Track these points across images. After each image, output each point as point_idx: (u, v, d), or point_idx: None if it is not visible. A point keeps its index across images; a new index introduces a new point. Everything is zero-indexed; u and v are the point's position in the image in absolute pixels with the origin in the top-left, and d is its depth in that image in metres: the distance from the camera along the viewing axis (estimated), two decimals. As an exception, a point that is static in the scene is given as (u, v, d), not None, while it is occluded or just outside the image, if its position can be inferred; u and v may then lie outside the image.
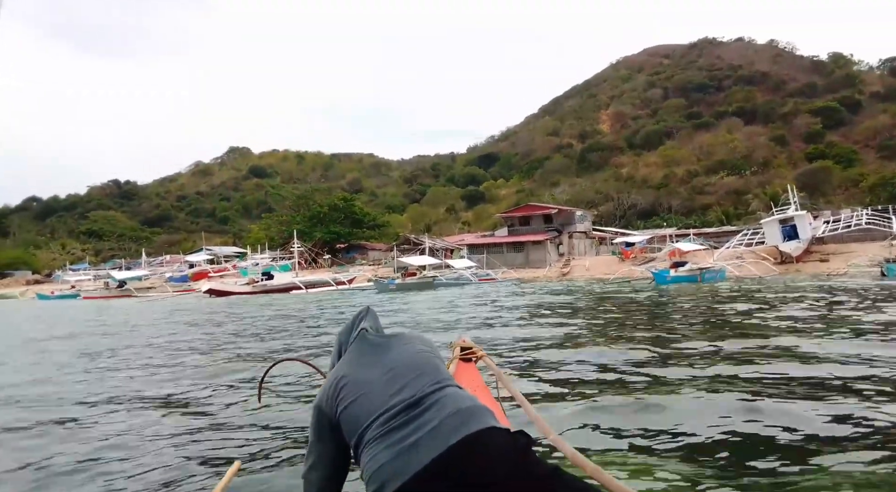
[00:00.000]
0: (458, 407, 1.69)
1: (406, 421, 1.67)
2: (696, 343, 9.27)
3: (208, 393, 6.76)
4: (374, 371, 1.87)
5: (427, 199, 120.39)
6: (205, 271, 59.67)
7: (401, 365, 1.87)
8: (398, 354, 1.93)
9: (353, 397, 1.81)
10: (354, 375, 1.88)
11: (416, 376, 1.81)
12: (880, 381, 6.00)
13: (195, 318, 21.61)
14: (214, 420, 5.39)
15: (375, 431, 1.68)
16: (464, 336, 3.85)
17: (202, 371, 8.51)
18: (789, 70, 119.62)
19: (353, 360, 1.98)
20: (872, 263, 31.99)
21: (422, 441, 1.59)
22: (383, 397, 1.75)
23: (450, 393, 1.76)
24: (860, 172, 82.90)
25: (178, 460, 4.19)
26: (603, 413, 5.05)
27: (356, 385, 1.84)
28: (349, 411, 1.79)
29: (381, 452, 1.62)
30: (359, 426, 1.74)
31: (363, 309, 2.22)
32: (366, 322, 2.12)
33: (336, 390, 1.86)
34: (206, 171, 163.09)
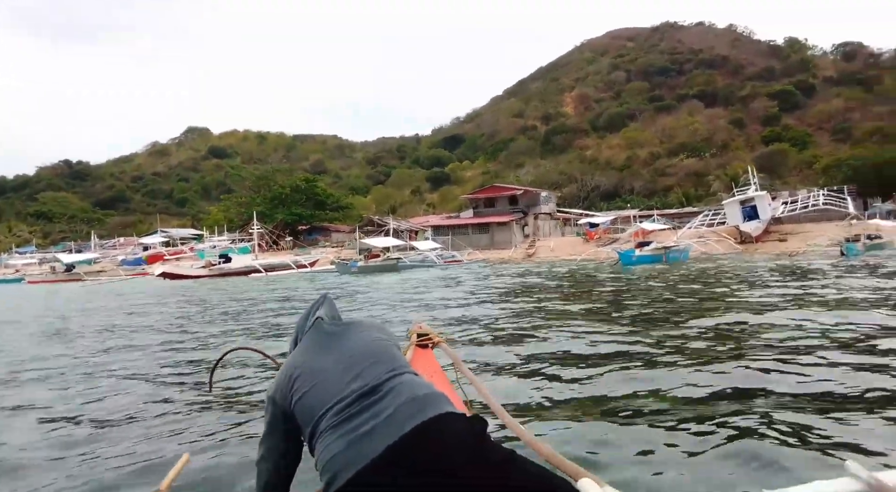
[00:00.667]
0: (413, 395, 1.67)
1: (361, 410, 1.64)
2: (663, 323, 9.19)
3: (156, 383, 6.40)
4: (328, 360, 1.83)
5: (391, 180, 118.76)
6: (160, 254, 57.43)
7: (356, 353, 1.83)
8: (353, 343, 1.89)
9: (307, 387, 1.77)
10: (309, 364, 1.84)
11: (372, 364, 1.78)
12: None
13: (145, 303, 20.32)
14: (163, 411, 5.15)
15: (330, 420, 1.65)
16: (420, 322, 3.72)
17: (150, 360, 8.00)
18: (747, 54, 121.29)
19: (308, 349, 1.93)
20: (832, 242, 32.30)
21: (377, 429, 1.57)
22: (338, 386, 1.72)
23: (405, 381, 1.74)
24: (814, 155, 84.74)
25: (125, 453, 4.02)
26: (564, 398, 4.99)
27: (310, 375, 1.79)
28: (303, 402, 1.75)
29: (335, 441, 1.60)
30: (313, 416, 1.71)
31: (320, 297, 2.16)
32: (322, 310, 2.06)
33: (290, 381, 1.81)
34: (164, 151, 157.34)
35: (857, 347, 6.58)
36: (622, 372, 5.85)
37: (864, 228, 33.15)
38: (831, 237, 34.20)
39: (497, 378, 5.91)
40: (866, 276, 16.29)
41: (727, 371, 5.67)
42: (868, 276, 16.31)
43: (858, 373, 5.35)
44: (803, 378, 5.27)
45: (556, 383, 5.62)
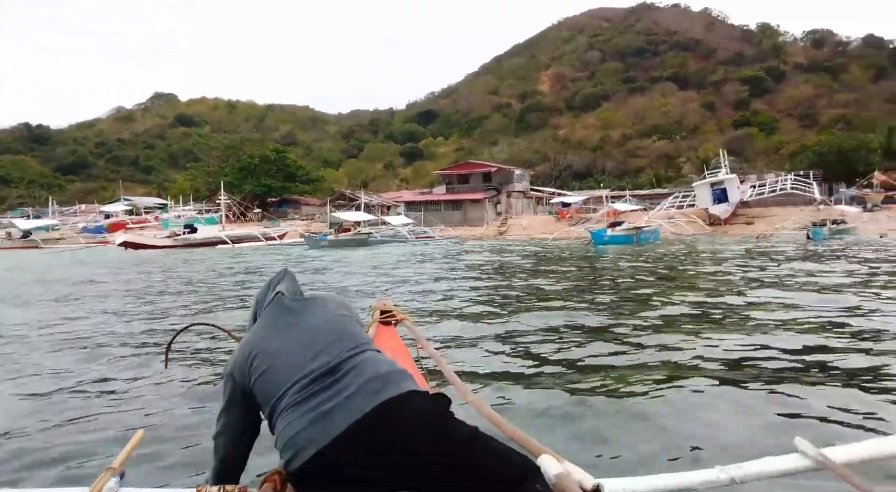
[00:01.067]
0: (376, 372, 1.64)
1: (322, 388, 1.61)
2: (631, 302, 9.27)
3: (111, 359, 6.16)
4: (288, 337, 1.78)
5: (364, 154, 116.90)
6: (122, 222, 55.42)
7: (317, 330, 1.78)
8: (314, 319, 1.84)
9: (266, 365, 1.71)
10: (268, 342, 1.78)
11: (333, 342, 1.74)
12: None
13: (104, 272, 19.45)
14: (118, 387, 5.01)
15: (290, 398, 1.61)
16: (384, 299, 3.58)
17: (104, 333, 7.63)
18: (721, 38, 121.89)
19: (267, 325, 1.86)
20: (799, 226, 32.69)
21: (338, 408, 1.55)
22: (298, 365, 1.68)
23: (367, 358, 1.71)
24: (780, 140, 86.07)
25: (79, 432, 3.89)
26: (527, 373, 4.96)
27: (270, 353, 1.74)
28: (263, 380, 1.70)
29: (296, 419, 1.57)
30: (273, 395, 1.66)
31: (280, 271, 2.07)
32: (282, 285, 1.98)
33: (249, 359, 1.76)
34: (129, 117, 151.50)
35: (814, 327, 6.74)
36: (586, 348, 5.92)
37: (828, 213, 33.59)
38: (797, 221, 34.64)
39: (461, 355, 5.87)
40: (831, 260, 16.48)
41: (686, 348, 5.78)
42: (831, 260, 16.50)
43: (810, 353, 5.51)
44: (757, 355, 5.44)
45: (519, 359, 5.64)
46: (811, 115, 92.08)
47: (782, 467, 1.61)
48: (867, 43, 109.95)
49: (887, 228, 31.75)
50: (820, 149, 51.44)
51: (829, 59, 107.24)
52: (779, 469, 1.61)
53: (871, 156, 49.44)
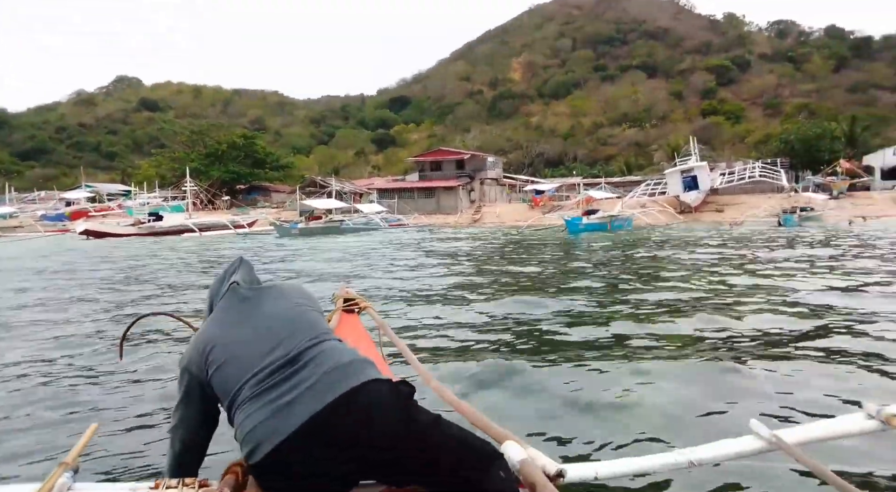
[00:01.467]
0: (336, 362, 1.59)
1: (281, 380, 1.56)
2: (606, 289, 9.24)
3: (64, 351, 5.92)
4: (245, 329, 1.71)
5: (335, 141, 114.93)
6: (84, 210, 53.25)
7: (275, 320, 1.72)
8: (271, 310, 1.77)
9: (223, 358, 1.65)
10: (224, 334, 1.72)
11: (292, 332, 1.68)
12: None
13: (62, 261, 18.56)
14: (71, 380, 4.85)
15: (249, 391, 1.56)
16: (346, 287, 3.45)
17: (59, 324, 7.37)
18: (688, 27, 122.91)
19: (223, 317, 1.79)
20: (771, 213, 32.91)
21: (298, 400, 1.50)
22: (256, 356, 1.62)
23: (328, 348, 1.65)
24: (747, 128, 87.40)
25: (30, 426, 3.78)
26: (495, 364, 4.88)
27: (226, 346, 1.68)
28: (220, 372, 1.64)
29: (255, 412, 1.52)
30: (231, 388, 1.61)
31: (235, 260, 1.99)
32: (238, 274, 1.90)
33: (204, 353, 1.69)
34: (91, 101, 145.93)
35: (782, 310, 6.86)
36: (557, 334, 5.86)
37: (796, 200, 33.93)
38: (768, 208, 34.92)
39: (430, 342, 5.77)
40: (804, 246, 16.64)
41: (645, 333, 5.82)
42: (803, 245, 16.72)
43: (766, 336, 5.62)
44: (719, 336, 5.59)
45: (487, 344, 5.56)
46: (775, 104, 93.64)
47: (738, 448, 1.65)
48: (829, 34, 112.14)
49: (852, 215, 32.22)
50: (786, 137, 52.07)
51: (792, 48, 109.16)
52: (735, 451, 1.65)
53: (835, 144, 50.25)
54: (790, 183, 42.05)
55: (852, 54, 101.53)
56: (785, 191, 36.09)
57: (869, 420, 1.72)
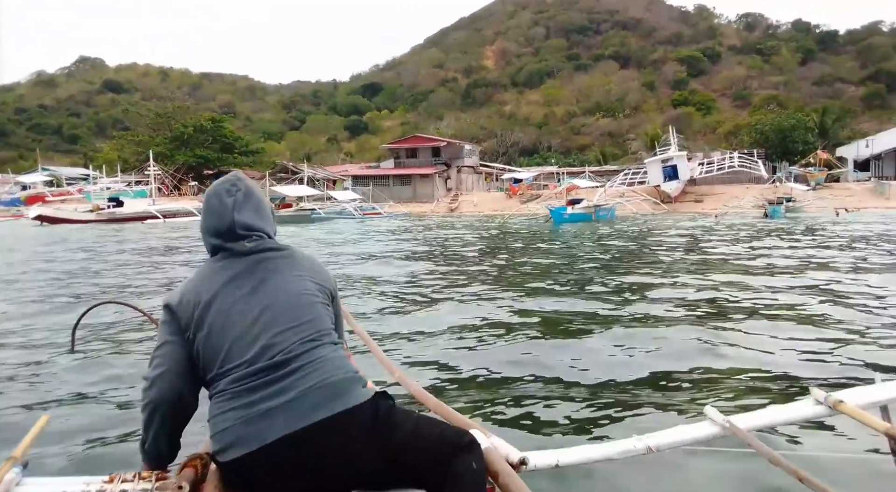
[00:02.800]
0: (323, 380, 1.49)
1: (264, 383, 1.47)
2: (595, 284, 8.72)
3: (12, 341, 5.59)
4: (241, 304, 1.56)
5: (307, 127, 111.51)
6: (41, 195, 50.19)
7: (274, 308, 1.56)
8: (277, 290, 1.60)
9: (218, 324, 1.54)
10: (222, 298, 1.56)
11: (288, 328, 1.54)
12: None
13: (10, 248, 17.28)
14: (20, 372, 4.50)
15: (229, 384, 1.49)
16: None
17: (4, 315, 6.93)
18: (660, 18, 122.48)
19: (229, 276, 1.60)
20: (756, 204, 31.93)
21: (277, 411, 1.44)
22: (245, 344, 1.52)
23: (319, 357, 1.54)
24: (717, 119, 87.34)
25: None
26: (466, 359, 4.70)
27: (221, 312, 1.55)
28: (209, 341, 1.54)
29: (231, 411, 1.46)
30: (212, 365, 1.53)
31: (232, 180, 1.73)
32: (242, 213, 1.66)
33: (199, 304, 1.56)
34: (51, 82, 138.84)
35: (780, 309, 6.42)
36: (539, 335, 5.52)
37: (780, 191, 33.06)
38: (752, 199, 33.95)
39: (403, 340, 5.44)
40: (798, 238, 15.96)
41: (617, 328, 5.61)
42: (794, 237, 16.01)
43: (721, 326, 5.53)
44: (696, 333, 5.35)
45: (461, 344, 5.25)
46: (744, 95, 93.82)
47: (694, 434, 1.69)
48: (796, 27, 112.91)
49: (835, 206, 31.48)
50: (761, 127, 51.52)
51: (760, 41, 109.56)
52: (691, 437, 1.69)
53: (808, 135, 49.90)
54: (768, 174, 41.38)
55: (819, 48, 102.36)
56: (765, 181, 35.17)
57: (817, 406, 1.77)
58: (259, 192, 1.76)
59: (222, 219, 1.65)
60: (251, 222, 1.66)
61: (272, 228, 1.76)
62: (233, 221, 1.64)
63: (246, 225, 1.65)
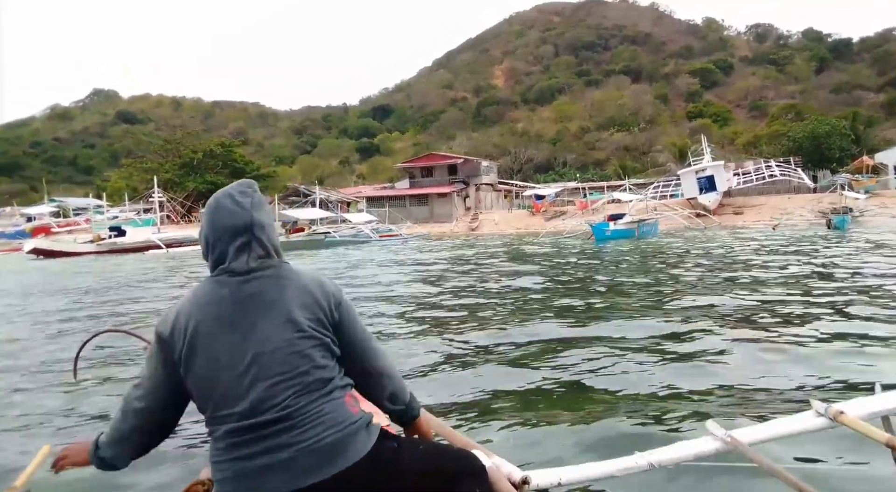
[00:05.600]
0: (320, 440, 1.40)
1: (259, 438, 1.40)
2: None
3: (13, 371, 5.24)
4: (234, 350, 1.43)
5: (318, 151, 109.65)
6: (47, 226, 47.72)
7: (268, 357, 1.43)
8: (269, 337, 1.44)
9: (207, 369, 1.44)
10: (211, 339, 1.44)
11: (283, 381, 1.42)
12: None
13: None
14: (21, 400, 4.35)
15: (226, 434, 1.41)
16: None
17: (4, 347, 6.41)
18: (668, 32, 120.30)
19: (216, 312, 1.46)
20: (816, 215, 28.51)
21: (271, 470, 1.38)
22: (238, 392, 1.41)
23: (315, 413, 1.43)
24: (734, 130, 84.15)
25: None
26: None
27: (211, 356, 1.44)
28: (199, 383, 1.45)
29: (227, 461, 1.41)
30: (206, 406, 1.46)
31: (248, 183, 1.59)
32: (261, 214, 1.53)
33: (187, 338, 1.45)
34: (66, 115, 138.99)
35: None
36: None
37: (833, 201, 29.68)
38: (809, 208, 30.46)
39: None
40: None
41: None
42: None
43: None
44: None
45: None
46: (760, 105, 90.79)
47: (696, 450, 1.66)
48: (807, 36, 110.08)
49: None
50: (794, 135, 48.27)
51: (772, 51, 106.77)
52: (693, 453, 1.66)
53: (844, 141, 46.58)
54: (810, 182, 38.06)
55: (833, 56, 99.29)
56: (809, 190, 31.78)
57: (818, 418, 1.73)
58: (268, 207, 1.59)
59: (236, 217, 1.48)
60: (267, 225, 1.52)
61: (279, 245, 1.58)
62: (251, 219, 1.48)
63: (262, 225, 1.50)
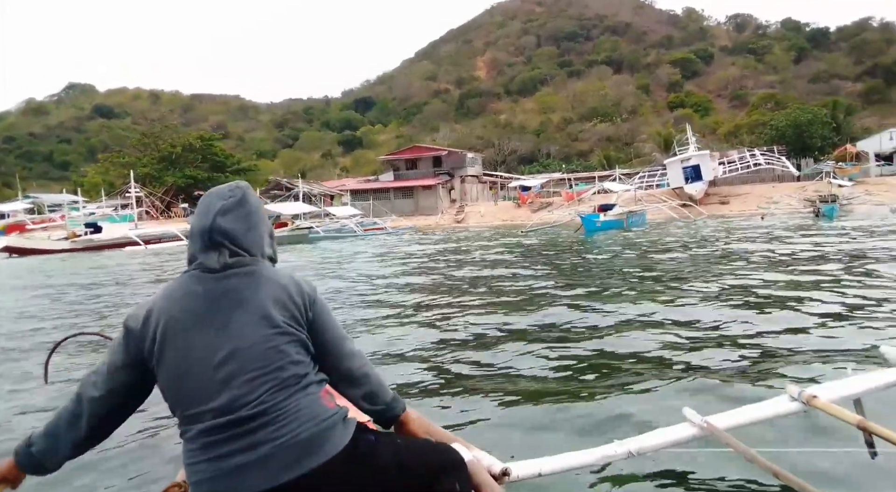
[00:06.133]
0: (295, 435, 1.39)
1: (234, 436, 1.38)
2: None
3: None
4: (208, 346, 1.42)
5: (300, 144, 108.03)
6: (21, 223, 46.21)
7: (243, 352, 1.42)
8: (243, 333, 1.43)
9: (179, 364, 1.42)
10: (185, 334, 1.43)
11: (258, 377, 1.41)
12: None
13: None
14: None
15: (200, 434, 1.39)
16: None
17: None
18: (649, 22, 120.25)
19: (190, 307, 1.45)
20: (803, 203, 28.39)
21: (247, 468, 1.36)
22: (212, 388, 1.39)
23: (291, 409, 1.41)
24: (715, 120, 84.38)
25: None
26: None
27: (183, 351, 1.42)
28: (170, 380, 1.43)
29: (202, 462, 1.38)
30: (178, 404, 1.43)
31: (233, 186, 1.60)
32: (226, 219, 1.51)
33: (158, 333, 1.43)
34: (41, 109, 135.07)
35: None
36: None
37: (816, 188, 29.59)
38: (796, 196, 30.33)
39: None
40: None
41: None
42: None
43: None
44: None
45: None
46: (741, 95, 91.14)
47: (673, 436, 1.67)
48: (785, 26, 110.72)
49: (883, 200, 28.14)
50: (776, 123, 48.31)
51: (751, 41, 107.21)
52: (671, 439, 1.67)
53: (826, 129, 46.74)
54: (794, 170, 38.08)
55: (811, 45, 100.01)
56: (794, 178, 31.68)
57: (792, 402, 1.76)
58: (257, 206, 1.59)
59: (203, 219, 1.51)
60: (231, 231, 1.49)
61: (262, 251, 1.56)
62: (212, 224, 1.48)
63: (224, 231, 1.48)
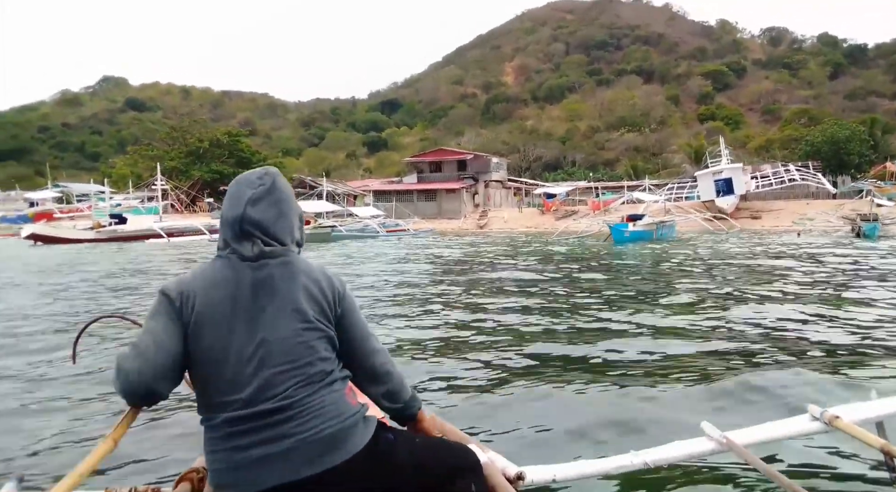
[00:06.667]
0: (320, 430, 1.39)
1: (260, 427, 1.38)
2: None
3: (10, 355, 5.22)
4: (240, 335, 1.42)
5: (326, 143, 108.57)
6: (49, 212, 46.83)
7: (273, 344, 1.42)
8: (275, 325, 1.43)
9: (211, 350, 1.41)
10: (219, 320, 1.42)
11: (287, 371, 1.41)
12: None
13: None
14: (19, 385, 4.27)
15: (225, 423, 1.39)
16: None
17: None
18: (682, 33, 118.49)
19: (224, 293, 1.44)
20: (843, 221, 27.21)
21: (270, 460, 1.36)
22: (241, 378, 1.40)
23: (317, 404, 1.42)
24: (746, 134, 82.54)
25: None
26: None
27: (218, 338, 1.41)
28: (201, 365, 1.43)
29: (224, 451, 1.39)
30: (206, 390, 1.43)
31: (262, 172, 1.56)
32: (256, 208, 1.49)
33: (191, 302, 1.42)
34: (75, 100, 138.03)
35: None
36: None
37: (853, 206, 28.32)
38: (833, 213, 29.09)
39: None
40: None
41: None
42: None
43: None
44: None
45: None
46: (773, 109, 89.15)
47: (690, 450, 1.66)
48: (822, 41, 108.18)
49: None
50: (812, 139, 46.79)
51: (786, 55, 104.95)
52: (688, 452, 1.66)
53: (863, 146, 45.10)
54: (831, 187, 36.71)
55: (848, 61, 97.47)
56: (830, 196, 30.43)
57: (813, 422, 1.73)
58: (288, 193, 1.56)
59: (234, 209, 1.49)
60: (263, 221, 1.47)
61: (292, 237, 1.55)
62: (242, 214, 1.47)
63: (256, 222, 1.47)
